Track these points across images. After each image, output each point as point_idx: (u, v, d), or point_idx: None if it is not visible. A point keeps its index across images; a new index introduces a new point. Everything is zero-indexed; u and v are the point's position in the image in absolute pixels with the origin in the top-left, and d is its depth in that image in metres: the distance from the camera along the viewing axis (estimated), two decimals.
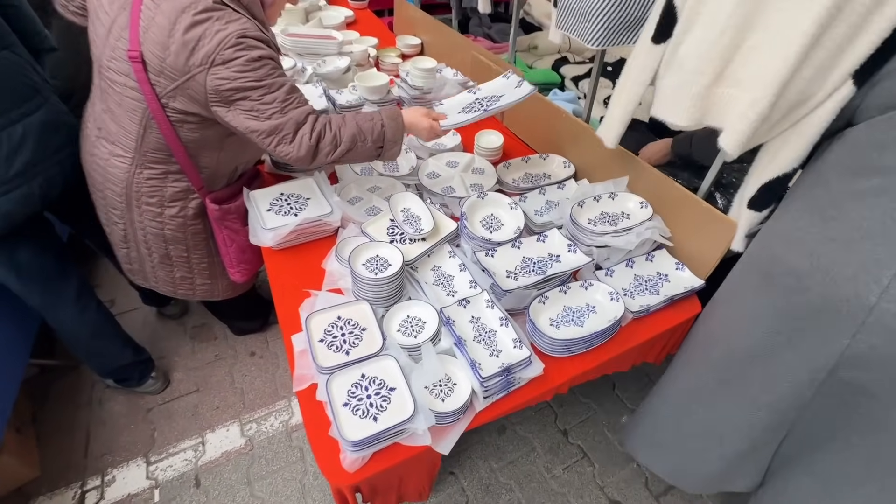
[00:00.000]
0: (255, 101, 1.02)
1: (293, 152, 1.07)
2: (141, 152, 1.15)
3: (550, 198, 1.45)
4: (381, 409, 0.88)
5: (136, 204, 1.23)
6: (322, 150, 1.09)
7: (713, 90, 0.99)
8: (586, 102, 1.62)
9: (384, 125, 1.15)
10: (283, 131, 1.05)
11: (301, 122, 1.06)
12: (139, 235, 1.30)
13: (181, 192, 1.24)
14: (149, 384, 1.70)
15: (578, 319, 1.09)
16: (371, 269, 1.07)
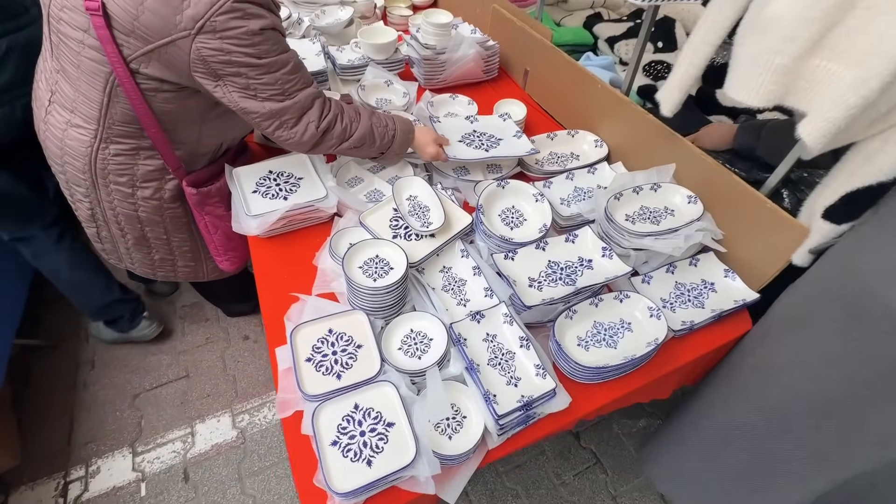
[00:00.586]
0: (250, 80, 0.87)
1: (294, 138, 0.96)
2: (106, 125, 0.97)
3: (579, 184, 1.26)
4: (376, 449, 0.74)
5: (102, 183, 1.06)
6: (327, 141, 0.97)
7: (804, 62, 0.77)
8: (627, 70, 1.38)
9: (395, 137, 1.08)
10: (284, 115, 0.91)
11: (306, 106, 0.94)
12: (109, 215, 1.14)
13: (156, 172, 1.06)
14: (142, 326, 1.64)
15: (611, 339, 0.93)
16: (369, 272, 0.91)
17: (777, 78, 0.79)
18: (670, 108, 1.05)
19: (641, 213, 1.09)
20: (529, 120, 1.51)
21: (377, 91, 1.50)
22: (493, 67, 1.68)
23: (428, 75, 1.59)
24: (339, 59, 1.56)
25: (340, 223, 1.09)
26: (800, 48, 0.76)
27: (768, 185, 1.02)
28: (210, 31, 0.80)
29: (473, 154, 1.20)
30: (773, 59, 0.79)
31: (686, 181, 1.14)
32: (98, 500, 1.36)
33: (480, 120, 1.34)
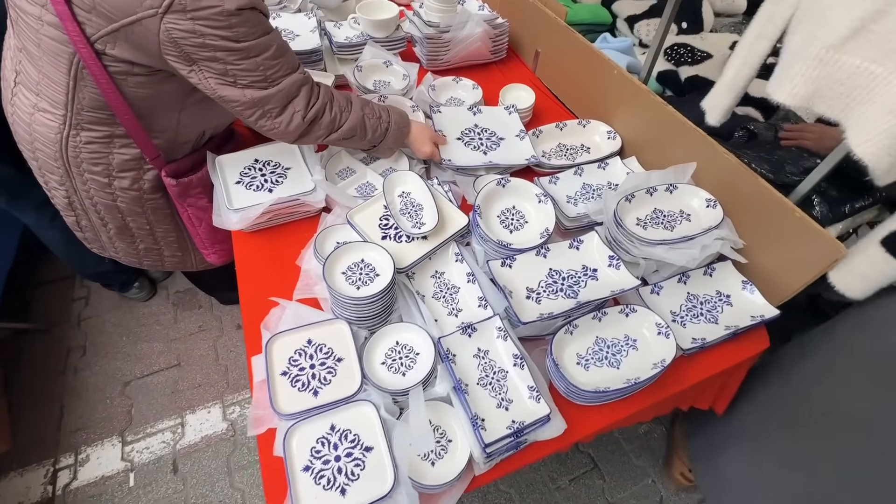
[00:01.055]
0: (228, 65, 0.79)
1: (279, 129, 0.89)
2: (74, 110, 0.89)
3: (588, 180, 1.16)
4: (352, 476, 0.69)
5: (76, 171, 0.99)
6: (315, 132, 0.91)
7: (838, 57, 0.65)
8: (647, 54, 1.26)
9: (388, 130, 1.01)
10: (267, 104, 0.85)
11: (292, 94, 0.87)
12: (87, 204, 1.07)
13: (133, 161, 0.99)
14: (133, 292, 1.71)
15: (614, 357, 0.86)
16: (353, 279, 0.84)
17: (807, 71, 0.68)
18: (718, 116, 0.91)
19: (654, 217, 1.00)
20: (538, 107, 1.41)
21: (375, 72, 1.39)
22: (501, 48, 1.56)
23: (431, 55, 1.48)
24: (337, 37, 1.45)
25: (328, 220, 1.02)
26: (833, 36, 0.64)
27: (799, 191, 0.92)
28: (180, 9, 0.71)
29: (471, 157, 1.14)
30: (808, 47, 0.67)
31: (706, 182, 1.04)
32: (86, 489, 1.35)
33: (484, 112, 1.25)
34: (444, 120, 1.20)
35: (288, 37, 1.36)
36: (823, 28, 0.66)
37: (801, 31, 0.71)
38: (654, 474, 1.48)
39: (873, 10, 0.61)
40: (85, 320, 1.70)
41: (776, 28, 0.77)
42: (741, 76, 0.85)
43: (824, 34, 0.66)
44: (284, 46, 0.85)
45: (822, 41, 0.66)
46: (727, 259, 1.00)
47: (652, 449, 1.53)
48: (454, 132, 1.18)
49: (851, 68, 0.65)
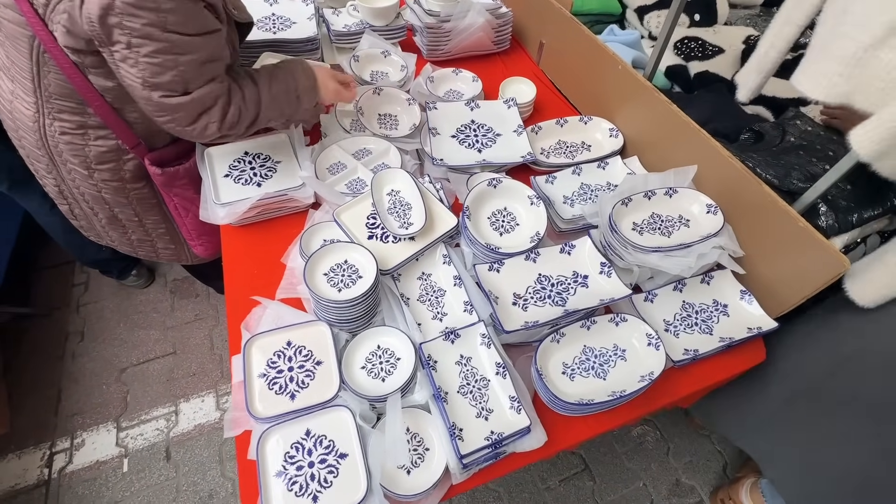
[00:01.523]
0: (142, 56, 0.70)
1: (185, 134, 0.83)
2: (44, 98, 0.87)
3: (587, 180, 1.13)
4: (324, 484, 0.68)
5: (59, 161, 0.98)
6: (228, 137, 0.86)
7: (878, 54, 0.61)
8: (654, 47, 1.21)
9: (300, 98, 0.94)
10: (178, 112, 0.76)
11: (207, 105, 0.79)
12: (75, 193, 1.06)
13: (110, 153, 0.97)
14: (131, 279, 1.73)
15: (601, 368, 0.83)
16: (335, 280, 0.82)
17: (844, 70, 0.65)
18: (747, 93, 0.90)
19: (652, 223, 0.97)
20: (540, 101, 1.36)
21: (372, 62, 1.36)
22: (504, 39, 1.51)
23: (431, 45, 1.43)
24: (335, 25, 1.41)
25: (315, 217, 1.00)
26: (871, 36, 0.61)
27: (804, 199, 0.87)
28: None
29: (464, 156, 1.10)
30: (844, 45, 0.64)
31: (707, 186, 1.00)
32: (81, 473, 1.38)
33: (482, 106, 1.21)
34: (440, 116, 1.17)
35: (284, 25, 1.33)
36: (858, 27, 0.62)
37: (829, 23, 0.67)
38: (645, 478, 1.47)
39: None
40: (84, 306, 1.71)
41: (805, 14, 0.74)
42: (769, 58, 0.83)
43: (860, 33, 0.62)
44: (218, 53, 0.78)
45: (861, 41, 0.62)
46: (728, 268, 0.97)
47: (645, 452, 1.52)
48: (449, 129, 1.15)
49: (891, 64, 0.61)
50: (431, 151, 1.09)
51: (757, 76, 0.83)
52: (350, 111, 1.19)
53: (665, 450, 1.52)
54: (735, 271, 0.95)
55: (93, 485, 1.36)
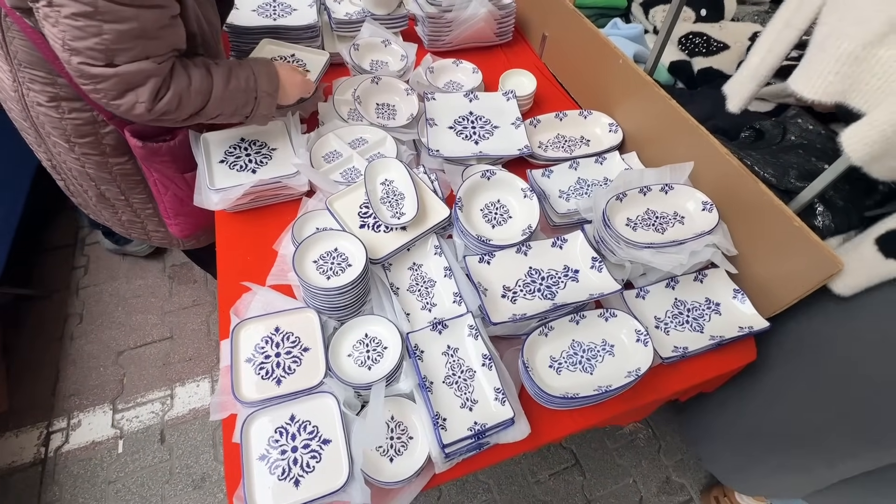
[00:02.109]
0: (62, 17, 0.66)
1: (112, 109, 0.77)
2: (15, 65, 0.85)
3: (584, 175, 1.12)
4: (307, 468, 0.68)
5: (44, 133, 0.96)
6: (167, 120, 0.81)
7: (875, 52, 0.61)
8: (656, 41, 1.19)
9: (258, 100, 0.90)
10: (101, 84, 0.72)
11: (135, 83, 0.73)
12: (64, 168, 1.05)
13: (86, 126, 0.94)
14: (135, 244, 1.74)
15: (589, 362, 0.83)
16: (325, 268, 0.82)
17: (840, 68, 0.64)
18: (739, 102, 0.87)
19: (646, 219, 0.96)
20: (541, 94, 1.35)
21: (372, 51, 1.35)
22: (507, 30, 1.50)
23: (432, 35, 1.42)
24: (336, 13, 1.41)
25: (308, 205, 1.00)
26: (870, 33, 0.60)
27: (800, 199, 0.86)
28: None
29: (461, 148, 1.09)
30: (840, 43, 0.63)
31: (704, 184, 0.99)
32: (77, 453, 1.40)
33: (481, 98, 1.20)
34: (438, 107, 1.16)
35: (284, 11, 1.32)
36: (857, 24, 0.61)
37: (830, 22, 0.66)
38: (636, 474, 1.47)
39: None
40: (83, 289, 1.73)
41: (805, 18, 0.72)
42: (766, 64, 0.81)
43: (859, 30, 0.61)
44: (152, 32, 0.72)
45: (858, 38, 0.61)
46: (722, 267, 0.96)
47: (636, 449, 1.52)
48: (447, 120, 1.14)
49: (888, 62, 0.60)
50: (428, 142, 1.09)
51: (752, 84, 0.81)
52: (348, 100, 1.18)
53: (656, 448, 1.53)
54: (728, 270, 0.94)
55: (88, 464, 1.38)
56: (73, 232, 1.88)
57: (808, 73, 0.66)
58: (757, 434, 1.05)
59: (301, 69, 1.04)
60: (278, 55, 1.22)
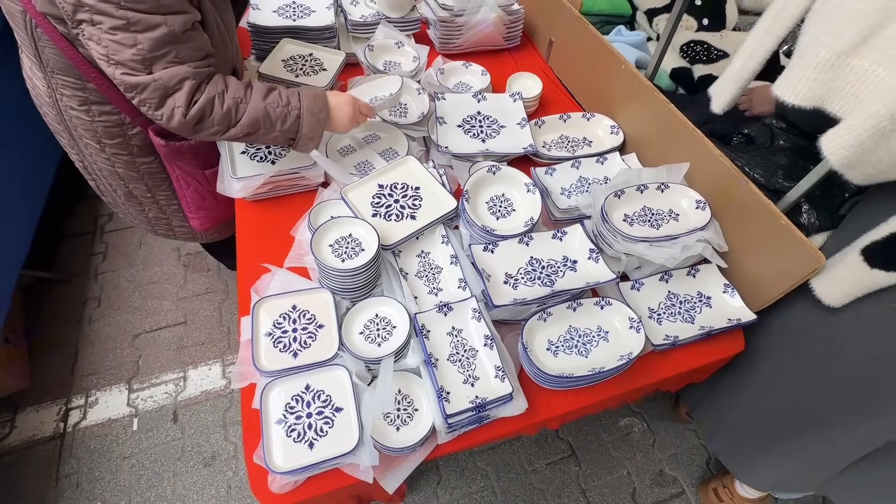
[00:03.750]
0: (102, 32, 0.71)
1: (162, 122, 0.81)
2: (48, 72, 0.91)
3: (585, 174, 1.18)
4: (320, 433, 0.74)
5: (76, 135, 1.03)
6: (206, 129, 0.83)
7: (849, 61, 0.66)
8: (656, 48, 1.25)
9: (301, 117, 0.89)
10: (143, 93, 0.77)
11: (172, 88, 0.77)
12: (94, 169, 1.12)
13: (115, 127, 1.00)
14: None
15: (584, 347, 0.89)
16: (339, 252, 0.88)
17: (818, 75, 0.70)
18: (722, 104, 0.92)
19: (643, 215, 1.01)
20: (546, 96, 1.41)
21: (386, 53, 1.41)
22: (515, 35, 1.56)
23: (443, 39, 1.49)
24: (352, 15, 1.47)
25: (324, 194, 1.06)
26: (844, 43, 0.66)
27: (787, 198, 0.92)
28: None
29: (468, 145, 1.15)
30: (818, 52, 0.68)
31: (698, 183, 1.05)
32: (94, 429, 1.46)
33: (488, 99, 1.26)
34: (448, 106, 1.22)
35: (303, 13, 1.39)
36: (834, 35, 0.67)
37: (810, 33, 0.72)
38: (630, 466, 1.52)
39: (881, 17, 0.62)
40: (102, 274, 1.80)
41: (784, 26, 0.78)
42: (746, 69, 0.86)
43: (835, 41, 0.67)
44: (181, 36, 0.76)
45: (834, 48, 0.67)
46: (713, 262, 1.01)
47: (631, 442, 1.57)
48: (455, 119, 1.20)
49: (861, 70, 0.66)
50: (437, 139, 1.15)
51: (734, 87, 0.86)
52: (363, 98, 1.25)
53: (651, 441, 1.57)
54: (720, 265, 1.00)
55: (104, 440, 1.44)
56: (92, 220, 1.95)
57: (790, 79, 0.71)
58: (761, 424, 1.09)
59: (364, 103, 1.02)
60: (297, 54, 1.29)
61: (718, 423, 1.23)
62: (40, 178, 1.62)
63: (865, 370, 0.84)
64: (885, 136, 0.64)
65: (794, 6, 0.75)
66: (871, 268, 0.77)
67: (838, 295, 0.83)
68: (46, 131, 1.11)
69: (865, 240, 0.79)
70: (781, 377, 1.00)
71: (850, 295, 0.82)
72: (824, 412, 0.93)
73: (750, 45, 0.84)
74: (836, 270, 0.82)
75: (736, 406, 1.14)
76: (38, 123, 1.25)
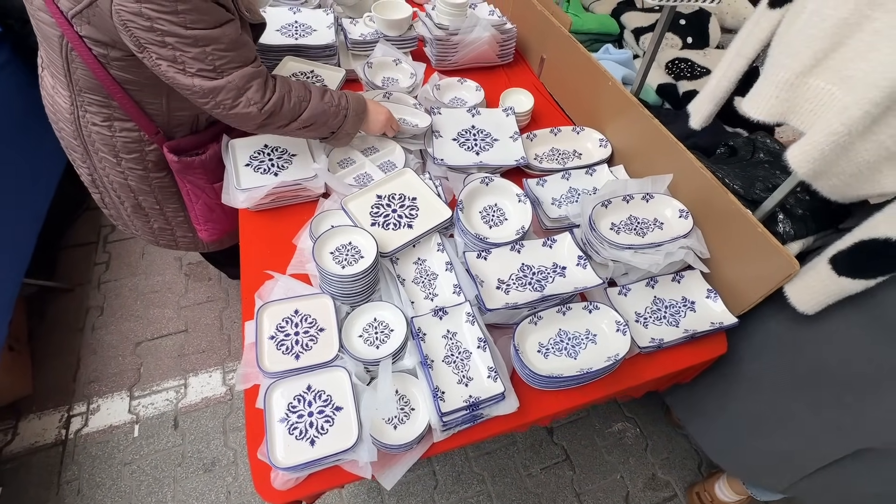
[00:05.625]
0: (176, 51, 0.81)
1: (235, 121, 0.92)
2: (75, 91, 0.97)
3: (575, 185, 1.23)
4: (321, 431, 0.78)
5: (92, 150, 1.08)
6: (276, 122, 0.94)
7: (807, 80, 0.72)
8: (640, 65, 1.32)
9: (347, 117, 1.04)
10: (218, 96, 0.86)
11: (242, 87, 0.88)
12: (105, 182, 1.17)
13: (134, 143, 1.07)
14: None
15: (573, 349, 0.93)
16: (340, 259, 0.93)
17: (780, 93, 0.76)
18: (699, 120, 1.00)
19: (629, 223, 1.06)
20: (538, 111, 1.47)
21: (384, 69, 1.48)
22: (508, 52, 1.63)
23: (439, 56, 1.55)
24: (352, 33, 1.54)
25: (325, 205, 1.11)
26: (800, 65, 0.72)
27: (763, 208, 0.97)
28: None
29: (463, 158, 1.20)
30: (778, 73, 0.75)
31: (681, 194, 1.10)
32: (95, 436, 1.48)
33: (482, 113, 1.32)
34: (444, 120, 1.28)
35: (305, 32, 1.45)
36: (792, 57, 0.73)
37: (773, 54, 0.78)
38: (623, 471, 1.55)
39: (832, 42, 0.68)
40: (104, 283, 1.83)
41: (752, 49, 0.84)
42: (720, 88, 0.93)
43: (793, 62, 0.73)
44: (238, 41, 0.87)
45: (793, 69, 0.73)
46: (697, 268, 1.06)
47: (624, 447, 1.60)
48: (451, 133, 1.26)
49: (817, 89, 0.72)
50: (433, 152, 1.20)
51: (709, 105, 0.93)
52: None
53: (644, 446, 1.60)
54: (703, 271, 1.05)
55: (105, 447, 1.47)
56: (96, 231, 1.99)
57: (756, 97, 0.77)
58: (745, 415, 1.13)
59: (395, 120, 1.17)
60: (299, 70, 1.35)
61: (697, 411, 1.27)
62: (42, 191, 1.66)
63: (834, 375, 0.88)
64: (845, 148, 0.70)
65: (760, 31, 0.82)
66: (838, 276, 0.81)
67: (811, 302, 0.87)
68: (48, 146, 1.17)
69: (833, 249, 0.84)
70: (765, 377, 1.04)
71: (821, 302, 0.86)
72: (795, 411, 0.98)
73: (723, 65, 0.91)
74: (807, 279, 0.87)
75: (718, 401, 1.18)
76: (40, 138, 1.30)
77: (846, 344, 0.88)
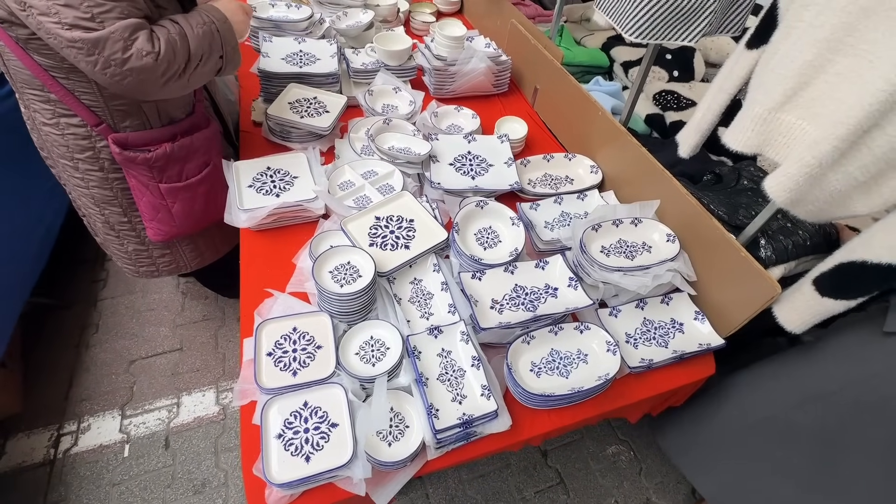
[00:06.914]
0: (49, 1, 0.76)
1: (135, 84, 0.85)
2: (18, 88, 0.95)
3: (567, 209, 1.27)
4: (316, 447, 0.79)
5: (55, 156, 1.06)
6: (174, 70, 0.88)
7: (779, 116, 0.78)
8: (628, 97, 1.38)
9: (219, 30, 0.97)
10: (105, 50, 0.79)
11: (129, 37, 0.81)
12: (74, 196, 1.15)
13: (83, 140, 1.02)
14: None
15: (565, 368, 0.95)
16: (339, 278, 0.95)
17: (755, 127, 0.81)
18: (687, 150, 1.06)
19: (618, 247, 1.10)
20: (532, 138, 1.53)
21: (384, 97, 1.54)
22: (503, 82, 1.70)
23: (437, 85, 1.62)
24: (354, 62, 1.61)
25: (325, 225, 1.14)
26: (773, 101, 0.77)
27: (746, 233, 1.01)
28: None
29: (459, 182, 1.25)
30: (753, 108, 0.80)
31: (668, 219, 1.14)
32: (85, 455, 1.47)
33: (478, 140, 1.37)
34: (441, 146, 1.33)
35: (309, 60, 1.52)
36: (765, 94, 0.79)
37: (750, 91, 0.84)
38: (617, 495, 1.54)
39: (799, 81, 0.74)
40: (101, 301, 1.84)
41: (733, 85, 0.90)
42: (705, 120, 0.99)
43: (766, 98, 0.79)
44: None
45: (766, 105, 0.79)
46: (684, 291, 1.10)
47: (619, 470, 1.59)
48: (448, 158, 1.31)
49: (789, 124, 0.77)
50: (431, 176, 1.24)
51: (696, 135, 0.99)
52: (361, 137, 1.36)
53: (638, 470, 1.60)
54: (690, 294, 1.08)
55: (94, 467, 1.45)
56: (93, 249, 2.00)
57: (734, 130, 0.83)
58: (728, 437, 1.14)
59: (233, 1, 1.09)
60: (302, 97, 1.41)
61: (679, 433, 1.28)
62: (55, 209, 1.66)
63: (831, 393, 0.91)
64: (818, 179, 0.74)
65: (740, 69, 0.88)
66: (821, 296, 0.85)
67: (797, 321, 0.91)
68: None
69: (816, 271, 0.88)
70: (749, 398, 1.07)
71: (807, 322, 0.90)
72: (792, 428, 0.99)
73: (707, 99, 0.97)
74: (793, 300, 0.91)
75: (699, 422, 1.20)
76: None
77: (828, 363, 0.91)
